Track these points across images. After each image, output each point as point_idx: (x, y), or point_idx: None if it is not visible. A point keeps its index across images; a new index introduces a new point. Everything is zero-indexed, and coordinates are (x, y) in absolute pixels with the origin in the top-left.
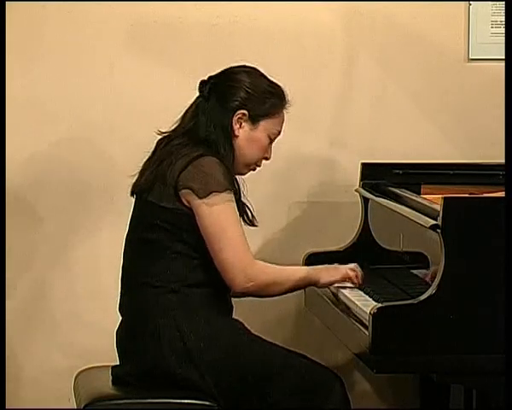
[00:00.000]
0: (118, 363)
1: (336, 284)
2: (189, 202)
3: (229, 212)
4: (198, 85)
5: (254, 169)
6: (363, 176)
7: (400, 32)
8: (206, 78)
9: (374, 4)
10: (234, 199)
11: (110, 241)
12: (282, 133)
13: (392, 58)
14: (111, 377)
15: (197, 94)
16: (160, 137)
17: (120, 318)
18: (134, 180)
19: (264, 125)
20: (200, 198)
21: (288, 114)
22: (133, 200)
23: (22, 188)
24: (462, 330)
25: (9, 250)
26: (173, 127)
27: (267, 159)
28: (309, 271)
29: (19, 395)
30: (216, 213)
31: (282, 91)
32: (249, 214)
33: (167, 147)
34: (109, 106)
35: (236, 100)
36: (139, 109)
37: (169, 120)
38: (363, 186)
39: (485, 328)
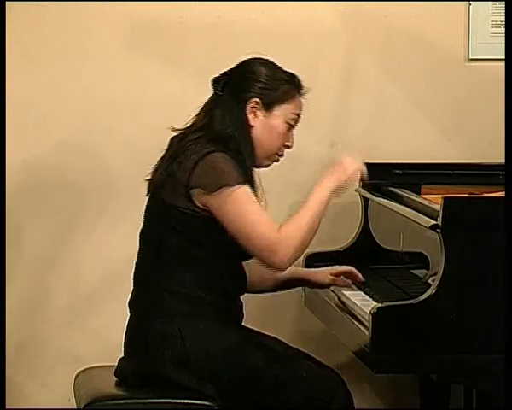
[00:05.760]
0: (120, 360)
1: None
2: (202, 203)
3: (243, 198)
4: (212, 82)
5: (277, 160)
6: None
7: (400, 32)
8: (219, 74)
9: (374, 4)
10: (248, 188)
11: (109, 242)
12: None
13: (392, 58)
14: (114, 371)
15: (210, 92)
16: (174, 134)
17: (128, 313)
18: (149, 178)
19: (280, 111)
20: (211, 193)
21: None
22: (132, 198)
23: (20, 188)
24: (462, 330)
25: (8, 251)
26: (188, 124)
27: (288, 147)
28: (323, 189)
29: (19, 395)
30: (230, 203)
31: (297, 78)
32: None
33: (182, 142)
34: (109, 106)
35: (249, 90)
36: (139, 109)
37: (169, 119)
38: (363, 186)
39: (485, 328)
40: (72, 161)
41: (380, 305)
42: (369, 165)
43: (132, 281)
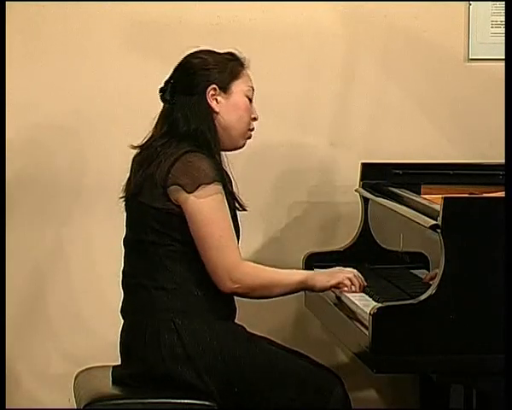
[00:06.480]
0: (118, 363)
1: (338, 291)
2: (177, 199)
3: (217, 207)
4: (159, 94)
5: (250, 137)
6: (363, 176)
7: (400, 32)
8: (163, 84)
9: (374, 4)
10: (222, 191)
11: (106, 241)
12: (281, 133)
13: (392, 58)
14: (111, 378)
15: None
16: (135, 152)
17: (122, 320)
18: (123, 195)
19: (237, 88)
20: (188, 192)
21: (289, 114)
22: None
23: (20, 187)
24: (462, 330)
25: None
26: (145, 139)
27: (255, 119)
28: (304, 275)
29: (19, 395)
30: (204, 208)
31: (235, 54)
32: (239, 201)
33: (149, 150)
34: (109, 106)
35: (202, 80)
36: (139, 109)
37: None
38: (363, 186)
39: (485, 328)
40: (72, 160)
41: (380, 305)
42: (369, 165)
43: (122, 289)
